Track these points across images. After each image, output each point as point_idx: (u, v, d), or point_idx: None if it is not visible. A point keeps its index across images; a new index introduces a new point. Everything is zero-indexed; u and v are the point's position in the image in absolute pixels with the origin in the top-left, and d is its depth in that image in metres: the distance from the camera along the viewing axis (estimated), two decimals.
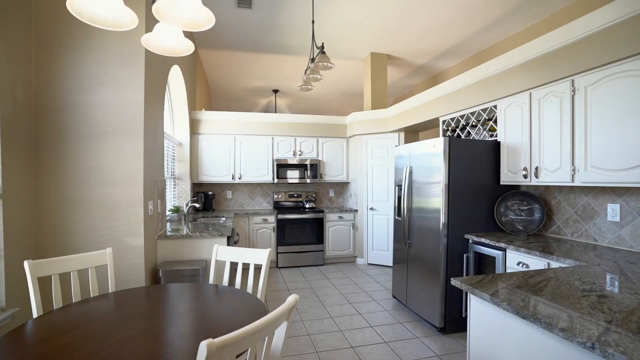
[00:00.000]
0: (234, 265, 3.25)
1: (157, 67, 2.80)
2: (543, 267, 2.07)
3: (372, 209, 5.13)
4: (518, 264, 2.27)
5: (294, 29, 4.52)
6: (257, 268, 4.95)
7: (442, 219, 2.78)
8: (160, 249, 2.88)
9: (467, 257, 2.80)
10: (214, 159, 5.03)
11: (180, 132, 4.65)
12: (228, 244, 3.05)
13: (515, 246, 2.30)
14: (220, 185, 5.40)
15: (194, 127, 4.94)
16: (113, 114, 2.42)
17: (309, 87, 3.54)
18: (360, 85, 7.28)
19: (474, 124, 3.27)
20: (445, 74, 6.11)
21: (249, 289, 1.93)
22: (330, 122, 5.45)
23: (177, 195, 4.59)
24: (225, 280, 2.03)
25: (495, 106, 2.97)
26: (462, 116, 3.44)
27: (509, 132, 2.77)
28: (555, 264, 2.00)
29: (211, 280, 2.04)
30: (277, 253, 4.98)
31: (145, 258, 2.50)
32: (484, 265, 2.74)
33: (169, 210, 3.88)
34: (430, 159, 2.91)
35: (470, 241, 2.80)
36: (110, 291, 1.90)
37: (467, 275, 2.80)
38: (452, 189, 2.79)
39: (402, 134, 4.91)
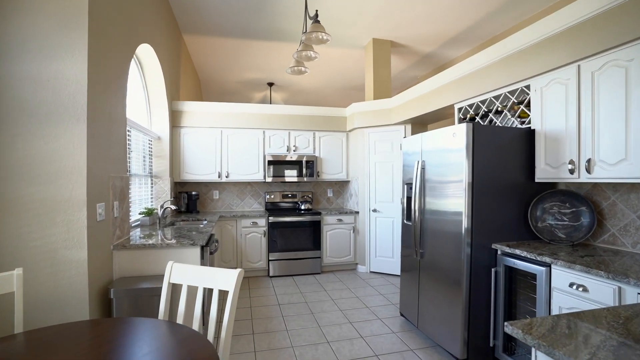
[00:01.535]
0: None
1: (111, 37, 2.26)
2: (611, 294, 1.54)
3: (374, 210, 4.59)
4: (571, 285, 1.73)
5: (286, 10, 3.98)
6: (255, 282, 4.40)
7: (465, 223, 2.25)
8: (117, 263, 2.34)
9: (496, 272, 2.26)
10: (198, 155, 4.50)
11: (158, 124, 4.11)
12: (202, 256, 2.52)
13: (566, 261, 1.76)
14: (205, 184, 4.86)
15: (175, 119, 4.41)
16: (46, 91, 1.88)
17: (302, 68, 3.00)
18: (361, 77, 6.74)
19: (499, 109, 2.73)
20: (453, 63, 5.58)
21: (211, 325, 1.39)
22: (328, 114, 4.91)
23: (155, 196, 4.05)
24: (181, 312, 1.49)
25: (527, 86, 2.44)
26: (482, 101, 2.91)
27: (548, 116, 2.23)
28: (631, 290, 1.46)
29: (161, 311, 1.50)
30: (269, 260, 4.44)
31: (90, 276, 1.96)
32: (516, 282, 2.20)
33: (139, 214, 3.34)
34: (449, 150, 2.38)
35: (499, 252, 2.27)
36: (15, 332, 1.36)
37: (495, 295, 2.27)
38: (477, 187, 2.26)
39: (409, 127, 4.37)
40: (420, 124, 4.41)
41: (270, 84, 7.18)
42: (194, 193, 4.55)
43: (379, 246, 4.56)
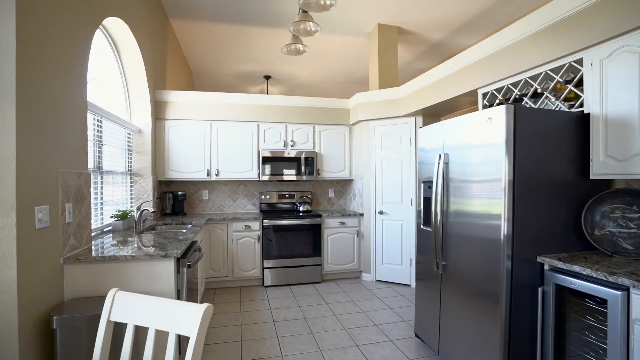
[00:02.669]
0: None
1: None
2: None
3: (381, 212, 4.13)
4: None
5: None
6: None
7: (505, 229, 1.79)
8: (69, 280, 1.88)
9: (544, 292, 1.81)
10: (184, 150, 4.03)
11: (139, 116, 3.65)
12: (177, 270, 2.05)
13: None
14: (194, 183, 4.40)
15: (159, 110, 3.94)
16: None
17: (300, 47, 2.54)
18: (364, 69, 6.28)
19: (538, 92, 2.27)
20: None
21: None
22: (330, 105, 4.45)
23: (135, 197, 3.59)
24: None
25: (578, 61, 1.98)
26: (514, 84, 2.45)
27: (611, 96, 1.78)
28: None
29: None
30: (263, 268, 3.98)
31: (21, 302, 1.50)
32: (568, 305, 1.74)
33: (111, 217, 2.88)
34: (482, 140, 1.92)
35: (546, 267, 1.81)
36: None
37: (542, 321, 1.81)
38: (519, 186, 1.80)
39: (420, 119, 3.91)
40: (432, 115, 3.95)
41: (267, 77, 6.72)
42: (180, 193, 4.09)
43: (385, 252, 4.10)
